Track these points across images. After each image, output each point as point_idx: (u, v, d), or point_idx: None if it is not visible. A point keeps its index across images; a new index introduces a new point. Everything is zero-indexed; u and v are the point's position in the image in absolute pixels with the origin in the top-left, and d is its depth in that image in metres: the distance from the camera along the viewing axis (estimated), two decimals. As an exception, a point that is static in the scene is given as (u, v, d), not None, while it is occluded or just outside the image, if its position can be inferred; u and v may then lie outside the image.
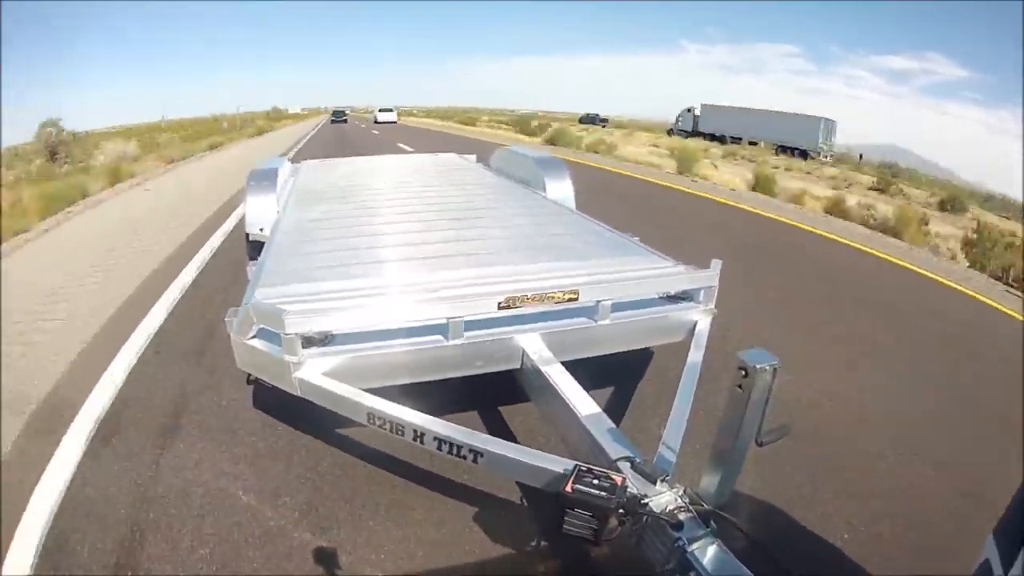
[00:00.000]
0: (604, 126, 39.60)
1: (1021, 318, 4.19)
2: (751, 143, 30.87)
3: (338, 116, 42.11)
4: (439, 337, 1.83)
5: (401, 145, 16.69)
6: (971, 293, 4.82)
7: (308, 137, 24.17)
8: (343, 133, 26.96)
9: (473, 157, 5.70)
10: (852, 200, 10.60)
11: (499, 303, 1.83)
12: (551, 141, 18.93)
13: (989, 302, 4.60)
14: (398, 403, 1.63)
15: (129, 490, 2.03)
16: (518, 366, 1.94)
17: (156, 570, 1.71)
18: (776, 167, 17.85)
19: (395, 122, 37.08)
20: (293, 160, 5.45)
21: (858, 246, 6.19)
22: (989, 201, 21.55)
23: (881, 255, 5.87)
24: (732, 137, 32.14)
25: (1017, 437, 2.37)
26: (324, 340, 1.81)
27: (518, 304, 1.86)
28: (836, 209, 9.15)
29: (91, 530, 1.85)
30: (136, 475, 2.11)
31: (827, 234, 6.67)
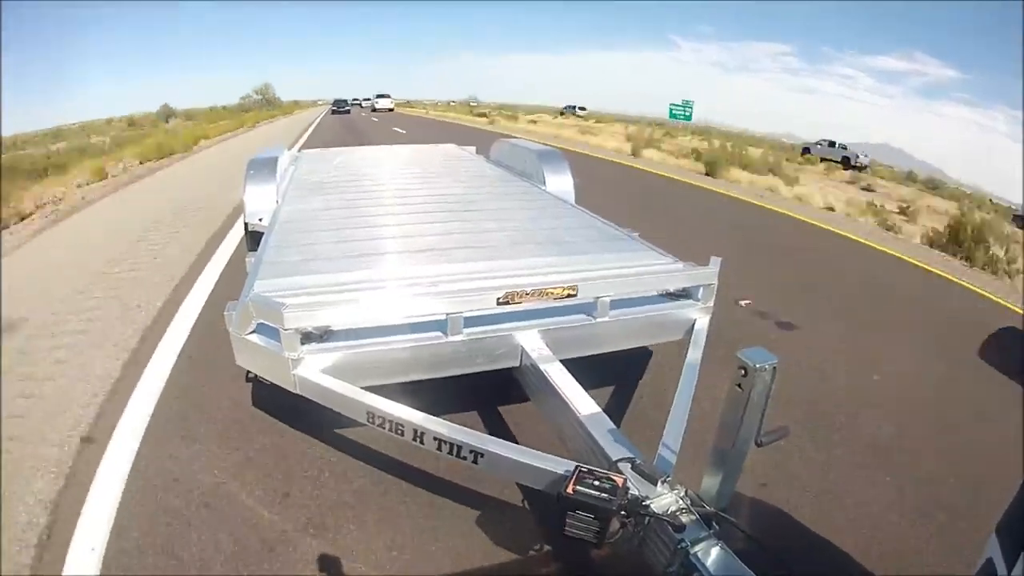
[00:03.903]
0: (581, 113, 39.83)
1: None
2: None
3: (340, 106, 41.26)
4: (438, 333, 1.80)
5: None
6: None
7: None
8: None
9: (473, 148, 5.67)
10: None
11: (498, 299, 1.80)
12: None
13: None
14: (397, 402, 1.61)
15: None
16: (517, 364, 1.93)
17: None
18: None
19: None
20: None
21: None
22: None
23: None
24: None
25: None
26: (323, 336, 1.77)
27: (517, 300, 1.83)
28: None
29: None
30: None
31: None
